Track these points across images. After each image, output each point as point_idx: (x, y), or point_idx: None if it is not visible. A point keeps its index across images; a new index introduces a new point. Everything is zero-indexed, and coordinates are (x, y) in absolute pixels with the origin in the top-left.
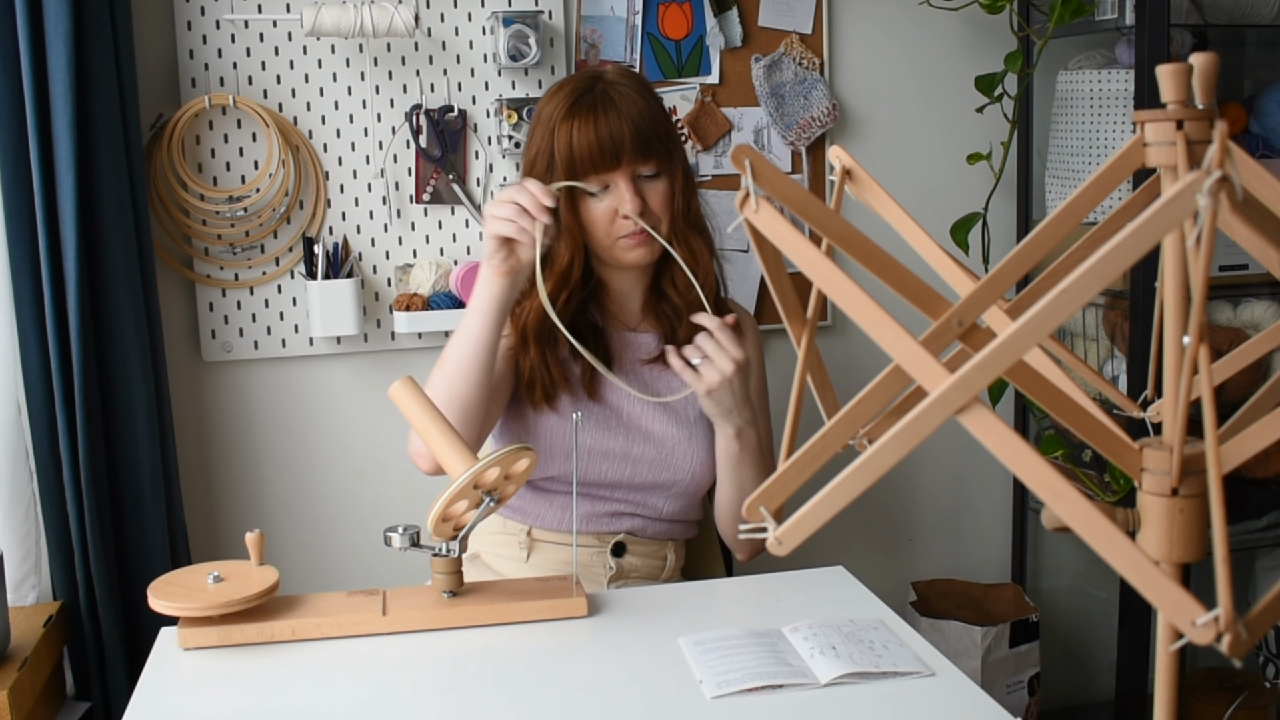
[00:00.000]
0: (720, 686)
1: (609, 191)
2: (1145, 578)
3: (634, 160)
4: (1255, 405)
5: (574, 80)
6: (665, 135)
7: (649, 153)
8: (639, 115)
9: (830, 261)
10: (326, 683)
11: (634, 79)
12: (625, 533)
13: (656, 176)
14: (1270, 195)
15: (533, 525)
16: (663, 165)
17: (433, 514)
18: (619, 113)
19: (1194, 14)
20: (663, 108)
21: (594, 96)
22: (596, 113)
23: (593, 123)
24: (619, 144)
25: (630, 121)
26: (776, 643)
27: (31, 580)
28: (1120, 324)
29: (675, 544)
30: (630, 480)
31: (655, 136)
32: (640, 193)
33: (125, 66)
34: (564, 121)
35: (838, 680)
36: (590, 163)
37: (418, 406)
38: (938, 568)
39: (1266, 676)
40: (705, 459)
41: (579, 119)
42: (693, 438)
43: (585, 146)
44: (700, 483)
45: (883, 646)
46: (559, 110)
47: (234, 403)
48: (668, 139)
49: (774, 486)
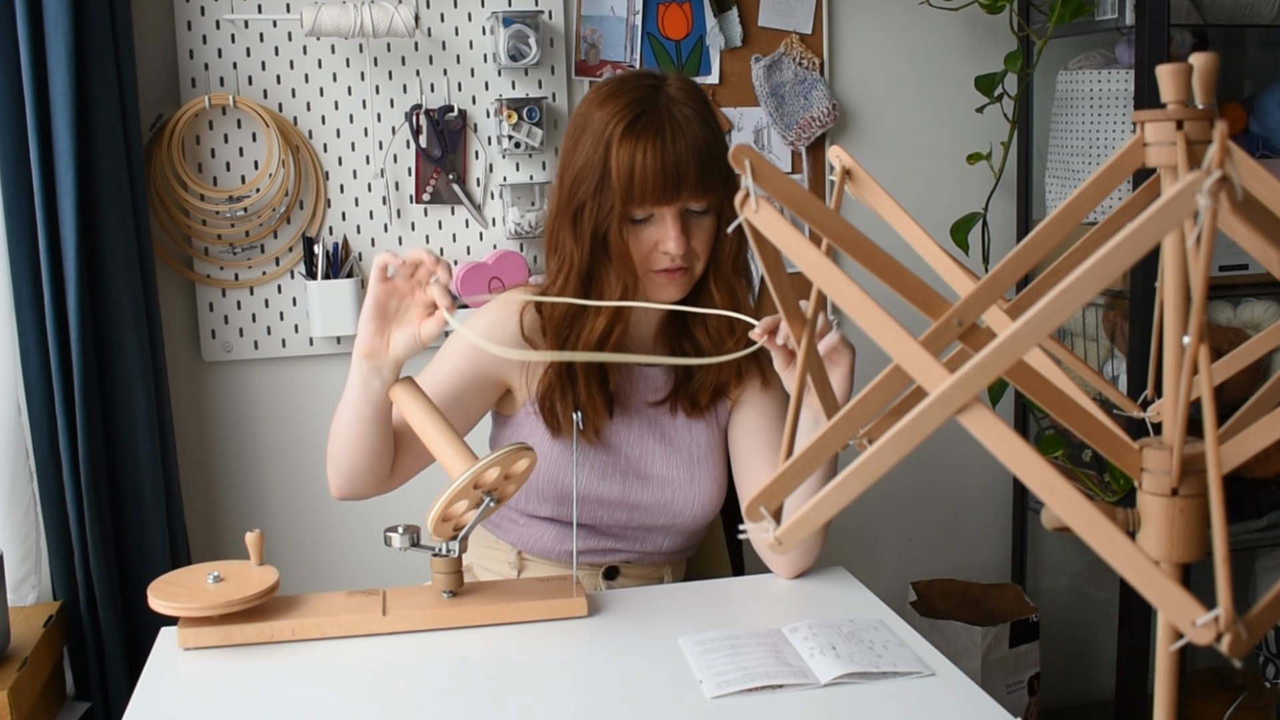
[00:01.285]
0: (720, 686)
1: (653, 220)
2: (1145, 578)
3: (693, 195)
4: (1255, 405)
5: (630, 87)
6: (724, 170)
7: (708, 188)
8: (704, 146)
9: (830, 261)
10: (326, 683)
11: (697, 98)
12: (617, 558)
13: (706, 213)
14: (1270, 195)
15: (523, 549)
16: (714, 202)
17: (433, 514)
18: (685, 140)
19: (1194, 14)
20: (722, 135)
21: (658, 115)
22: (664, 136)
23: (659, 148)
24: (683, 176)
25: (696, 153)
26: (777, 643)
27: (31, 580)
28: (1120, 324)
29: (674, 565)
30: (627, 524)
31: (717, 170)
32: (686, 228)
33: (125, 66)
34: (624, 139)
35: (838, 680)
36: (650, 192)
37: (417, 407)
38: (938, 568)
39: (1266, 676)
40: (709, 499)
41: (643, 141)
42: (695, 480)
43: (648, 174)
44: (702, 521)
45: (883, 646)
46: (617, 123)
47: (234, 403)
48: (727, 174)
49: (774, 486)
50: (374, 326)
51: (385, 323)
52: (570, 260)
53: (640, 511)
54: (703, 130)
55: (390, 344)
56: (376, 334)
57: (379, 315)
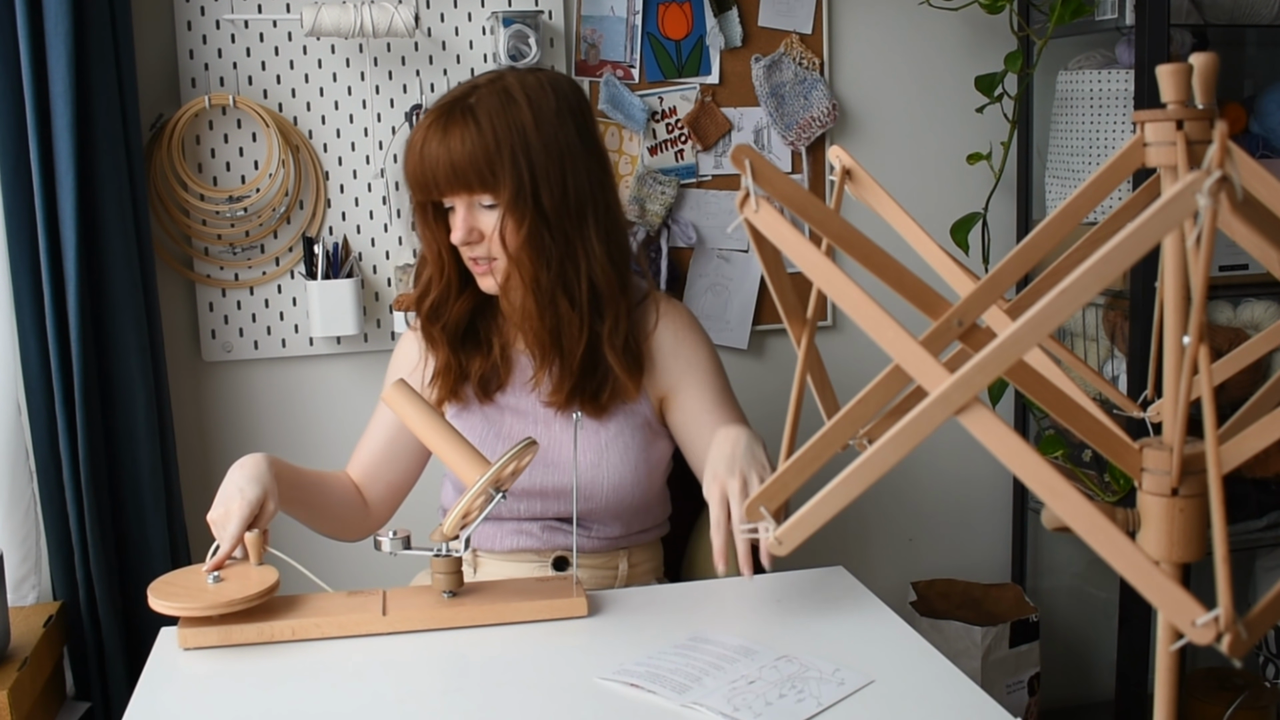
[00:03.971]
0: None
1: (454, 210)
2: (1145, 578)
3: (451, 190)
4: (1255, 405)
5: (469, 81)
6: (491, 168)
7: (462, 186)
8: (473, 145)
9: (830, 261)
10: (326, 683)
11: (504, 97)
12: (565, 549)
13: (493, 207)
14: (1270, 195)
15: (478, 546)
16: (497, 198)
17: (452, 518)
18: (454, 138)
19: (1194, 14)
20: (528, 132)
21: (444, 111)
22: (430, 133)
23: (421, 144)
24: (438, 172)
25: (448, 150)
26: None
27: (31, 580)
28: (1120, 324)
29: (630, 552)
30: (558, 513)
31: (475, 172)
32: (476, 220)
33: (125, 66)
34: (413, 132)
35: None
36: (414, 184)
37: (415, 410)
38: (938, 568)
39: (1266, 676)
40: (619, 478)
41: (417, 135)
42: (602, 462)
43: (408, 166)
44: (630, 503)
45: (804, 684)
46: (426, 114)
47: (234, 403)
48: (496, 172)
49: (774, 486)
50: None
51: None
52: (421, 240)
53: (552, 501)
54: (476, 132)
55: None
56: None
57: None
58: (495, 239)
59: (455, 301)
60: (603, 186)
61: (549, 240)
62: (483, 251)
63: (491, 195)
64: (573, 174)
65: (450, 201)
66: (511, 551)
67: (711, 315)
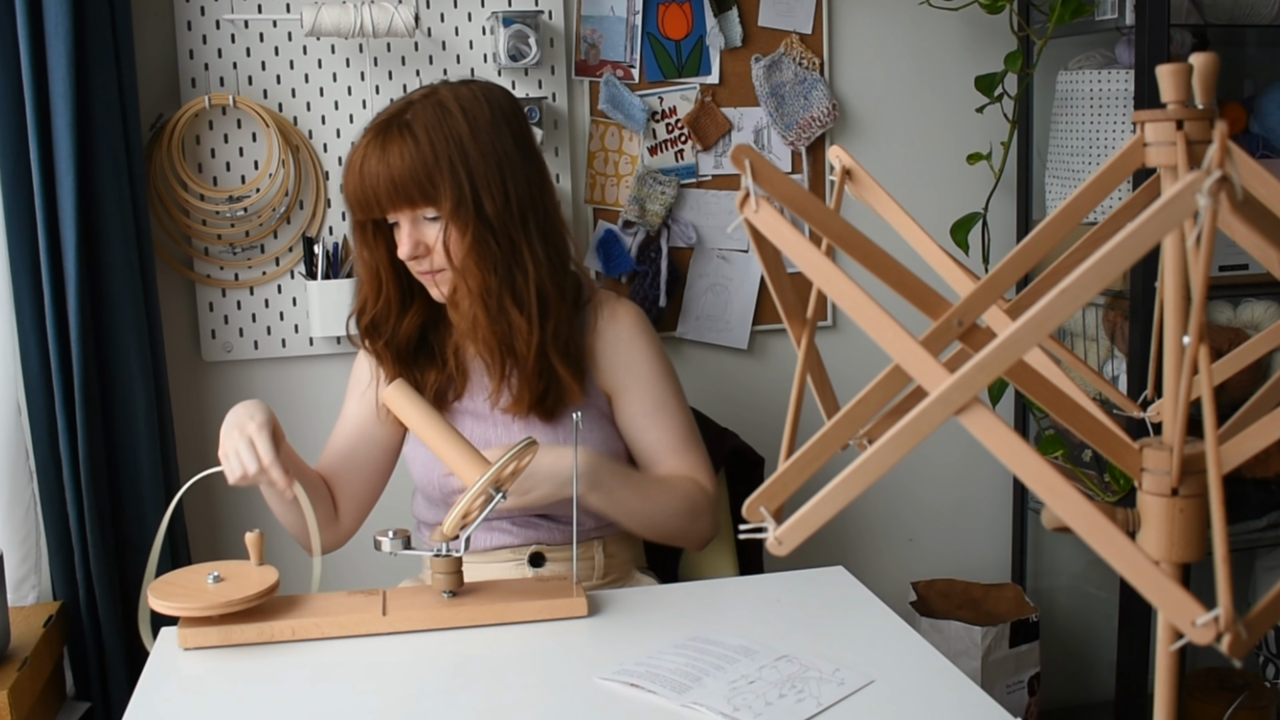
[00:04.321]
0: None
1: (398, 225)
2: (1145, 578)
3: (393, 207)
4: (1255, 405)
5: (400, 100)
6: (431, 181)
7: (403, 202)
8: (408, 162)
9: (830, 261)
10: (326, 683)
11: (438, 111)
12: (538, 543)
13: (435, 219)
14: (1270, 195)
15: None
16: (439, 209)
17: (452, 518)
18: (387, 158)
19: (1194, 14)
20: (461, 143)
21: (380, 130)
22: (366, 152)
23: (359, 165)
24: (378, 191)
25: (388, 169)
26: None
27: (31, 580)
28: (1120, 324)
29: (604, 542)
30: (497, 508)
31: (416, 185)
32: (420, 234)
33: (125, 66)
34: (350, 153)
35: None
36: (353, 204)
37: (414, 410)
38: (938, 568)
39: (1266, 676)
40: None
41: (354, 155)
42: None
43: (348, 187)
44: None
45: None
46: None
47: (234, 403)
48: (436, 184)
49: (774, 486)
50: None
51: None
52: (358, 258)
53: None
54: (414, 147)
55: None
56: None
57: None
58: (440, 250)
59: (401, 318)
60: (542, 192)
61: (494, 247)
62: (430, 265)
63: (434, 207)
64: (512, 180)
65: (394, 218)
66: (488, 550)
67: (711, 315)
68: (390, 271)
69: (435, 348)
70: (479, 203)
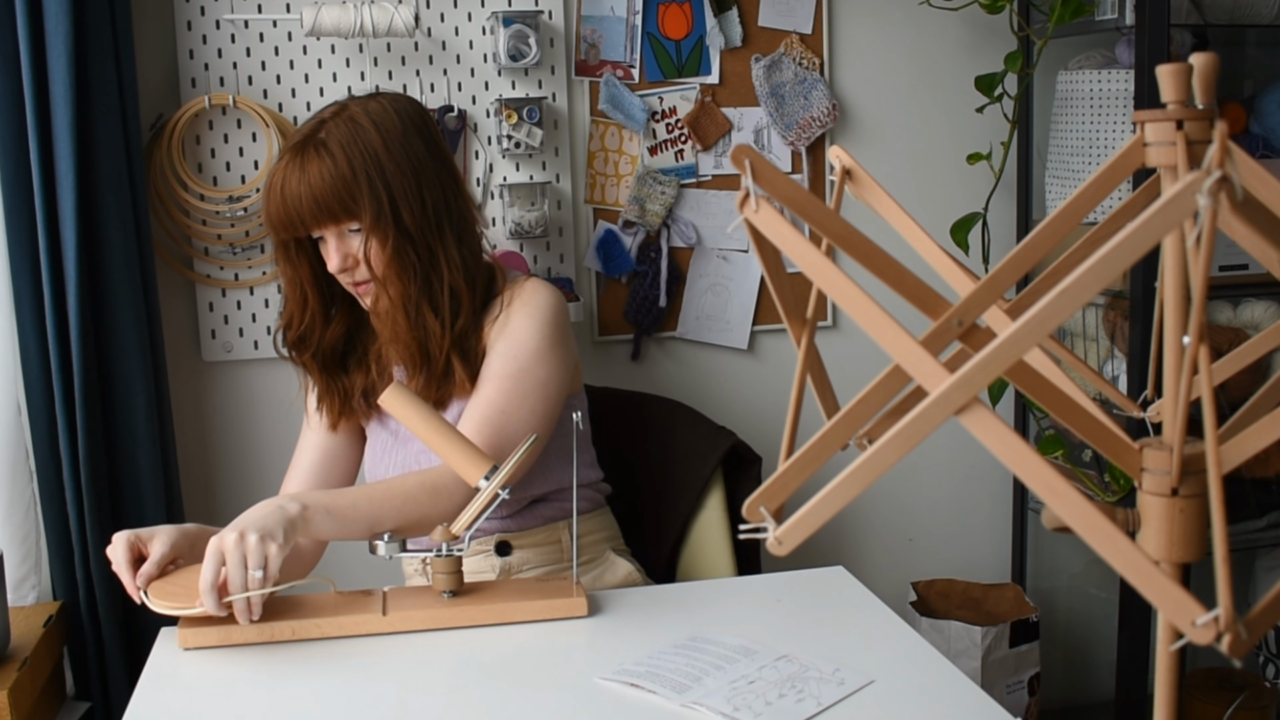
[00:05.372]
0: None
1: (325, 240)
2: (1145, 578)
3: (317, 225)
4: (1255, 405)
5: (312, 119)
6: (351, 195)
7: (326, 219)
8: (325, 179)
9: (830, 261)
10: (326, 683)
11: (352, 126)
12: (503, 532)
13: (359, 232)
14: (1270, 195)
15: (417, 549)
16: (361, 222)
17: (465, 518)
18: (304, 177)
19: (1194, 14)
20: (373, 159)
21: (295, 150)
22: (285, 173)
23: (279, 185)
24: (300, 210)
25: (310, 188)
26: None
27: (31, 580)
28: (1120, 324)
29: (569, 524)
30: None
31: (338, 201)
32: (347, 248)
33: (125, 66)
34: (271, 173)
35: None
36: (275, 224)
37: (414, 411)
38: (938, 568)
39: (1266, 676)
40: None
41: (274, 177)
42: None
43: (270, 208)
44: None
45: (805, 683)
46: (279, 156)
47: (234, 403)
48: (356, 197)
49: (774, 486)
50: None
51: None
52: (281, 275)
53: None
54: (331, 163)
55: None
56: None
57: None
58: (366, 257)
59: (325, 329)
60: (456, 195)
61: (413, 255)
62: (361, 275)
63: (355, 221)
64: (428, 187)
65: (319, 233)
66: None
67: (711, 315)
68: (313, 285)
69: (359, 353)
70: (397, 213)
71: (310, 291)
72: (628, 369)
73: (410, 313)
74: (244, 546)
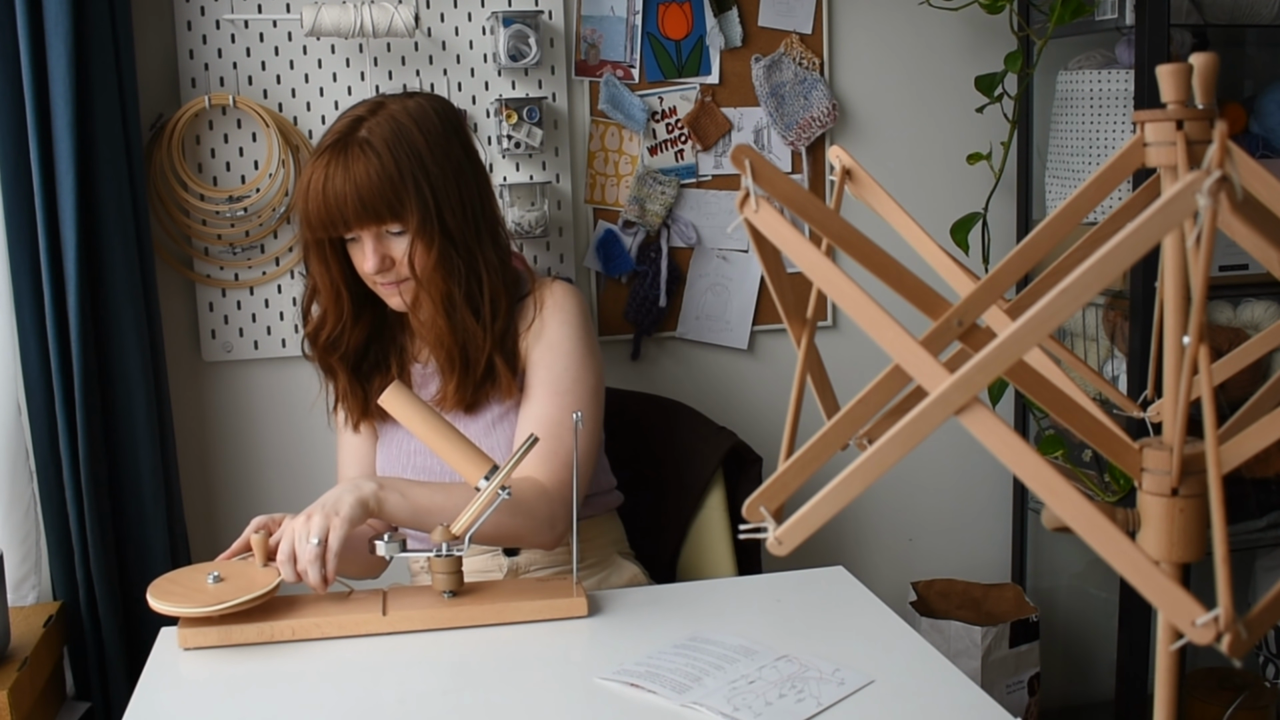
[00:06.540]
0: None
1: (358, 240)
2: (1145, 578)
3: (359, 224)
4: (1255, 405)
5: (344, 117)
6: (398, 197)
7: (370, 218)
8: (371, 179)
9: (830, 261)
10: (326, 683)
11: (395, 126)
12: None
13: (401, 234)
14: (1270, 195)
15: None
16: (405, 224)
17: (465, 518)
18: (349, 175)
19: (1194, 14)
20: (418, 160)
21: (338, 149)
22: (328, 170)
23: (322, 182)
24: (343, 209)
25: (355, 187)
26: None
27: (31, 580)
28: (1120, 324)
29: (578, 526)
30: None
31: (384, 201)
32: (385, 247)
33: (125, 66)
34: (307, 171)
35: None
36: (315, 222)
37: (414, 411)
38: (938, 568)
39: (1266, 676)
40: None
41: (315, 174)
42: (492, 439)
43: (310, 206)
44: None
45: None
46: (311, 156)
47: (234, 403)
48: (403, 199)
49: (774, 486)
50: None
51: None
52: (313, 276)
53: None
54: (378, 163)
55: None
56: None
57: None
58: (405, 264)
59: (353, 331)
60: (489, 196)
61: (456, 258)
62: (393, 277)
63: (399, 223)
64: (466, 189)
65: (355, 233)
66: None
67: (711, 315)
68: (346, 286)
69: (379, 354)
70: (442, 216)
71: (345, 292)
72: (628, 369)
73: (453, 314)
74: (310, 523)
